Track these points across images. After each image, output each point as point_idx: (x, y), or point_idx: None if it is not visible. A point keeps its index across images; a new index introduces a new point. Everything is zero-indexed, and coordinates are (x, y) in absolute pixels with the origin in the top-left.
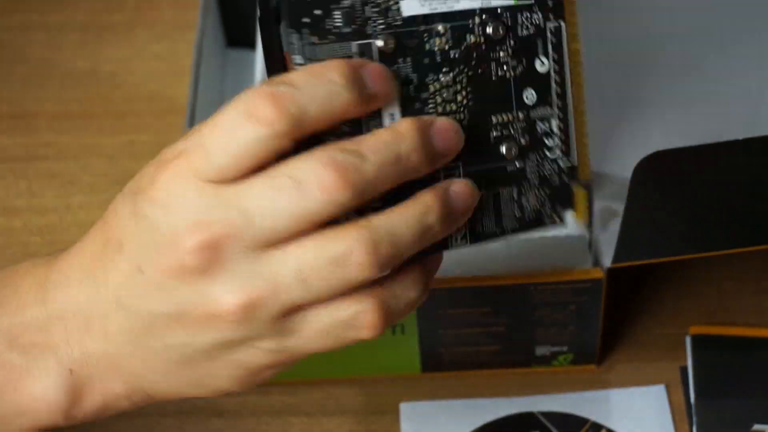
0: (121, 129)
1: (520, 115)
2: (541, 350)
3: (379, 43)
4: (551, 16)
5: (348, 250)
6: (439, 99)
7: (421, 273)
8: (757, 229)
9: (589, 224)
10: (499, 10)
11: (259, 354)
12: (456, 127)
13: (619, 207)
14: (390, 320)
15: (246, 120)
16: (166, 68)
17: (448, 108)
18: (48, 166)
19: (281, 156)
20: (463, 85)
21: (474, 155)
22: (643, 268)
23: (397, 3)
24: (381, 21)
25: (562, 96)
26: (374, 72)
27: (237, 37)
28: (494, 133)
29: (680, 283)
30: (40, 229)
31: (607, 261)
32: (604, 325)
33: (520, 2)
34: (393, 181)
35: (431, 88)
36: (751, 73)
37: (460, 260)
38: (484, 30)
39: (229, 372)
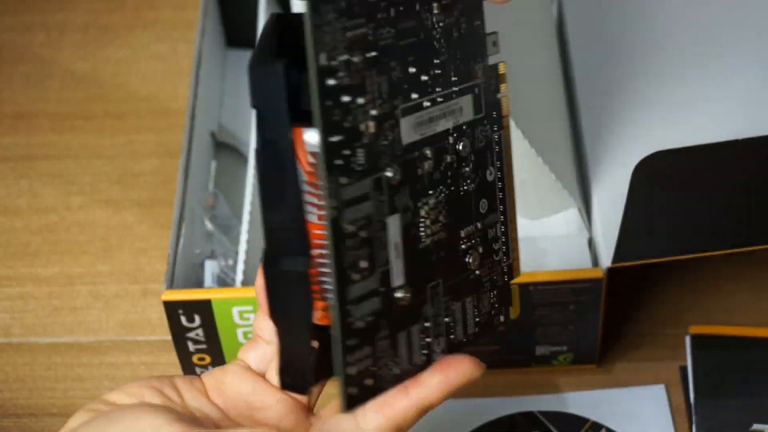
0: (121, 129)
1: (479, 225)
2: (541, 350)
3: (389, 173)
4: (495, 127)
5: None
6: (428, 221)
7: None
8: (757, 229)
9: (589, 224)
10: (464, 127)
11: None
12: None
13: (619, 207)
14: None
15: None
16: (166, 68)
17: (433, 229)
18: (48, 165)
19: None
20: (443, 204)
21: (450, 270)
22: (643, 268)
23: (399, 132)
24: (389, 153)
25: (503, 200)
26: None
27: (237, 37)
28: (462, 246)
29: (680, 283)
30: (40, 228)
31: (607, 261)
32: (604, 325)
33: (476, 116)
34: None
35: (422, 212)
36: (751, 73)
37: None
38: (455, 148)
39: None
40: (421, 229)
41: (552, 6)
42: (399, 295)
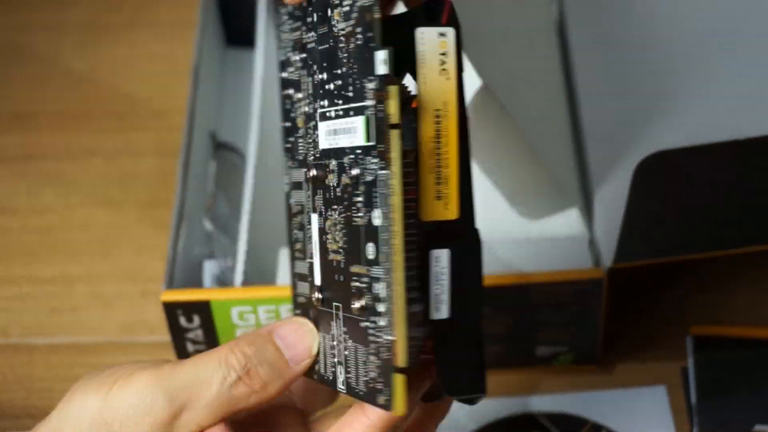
0: (120, 129)
1: (365, 270)
2: (542, 351)
3: (311, 173)
4: (376, 163)
5: None
6: (330, 236)
7: None
8: (757, 229)
9: (590, 224)
10: (358, 151)
11: None
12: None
13: (620, 207)
14: None
15: None
16: (166, 68)
17: (333, 247)
18: (47, 165)
19: None
20: (341, 226)
21: (345, 302)
22: (644, 268)
23: (318, 136)
24: (312, 152)
25: (377, 257)
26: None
27: (237, 37)
28: (353, 283)
29: (681, 284)
30: (39, 229)
31: (608, 261)
32: (605, 325)
33: (368, 143)
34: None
35: (328, 222)
36: (752, 73)
37: None
38: (349, 171)
39: None
40: (328, 240)
41: (552, 5)
42: (315, 294)
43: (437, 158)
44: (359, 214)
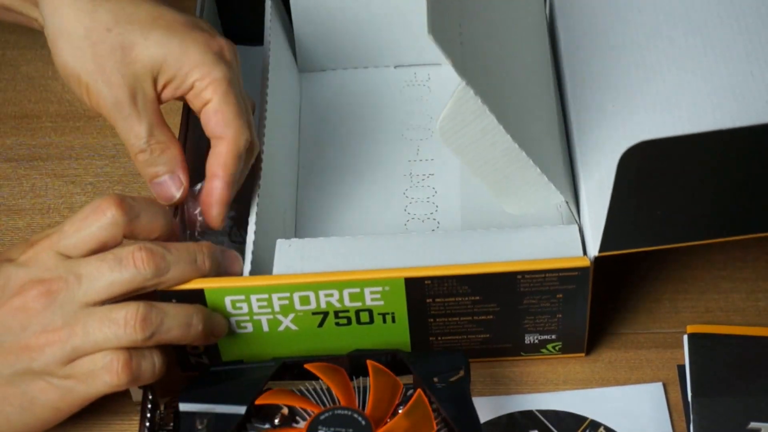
0: None
1: None
2: (529, 338)
3: None
4: None
5: (126, 314)
6: None
7: (162, 354)
8: (743, 218)
9: (577, 214)
10: None
11: (47, 388)
12: (239, 259)
13: (606, 196)
14: (132, 375)
15: (93, 213)
16: None
17: None
18: (51, 166)
19: None
20: None
21: None
22: (642, 266)
23: None
24: None
25: None
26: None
27: (235, 35)
28: None
29: (678, 282)
30: (43, 228)
31: (593, 250)
32: (591, 313)
33: None
34: (186, 273)
35: None
36: (735, 65)
37: (448, 249)
38: None
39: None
40: None
41: (543, 4)
42: None
43: None
44: None
